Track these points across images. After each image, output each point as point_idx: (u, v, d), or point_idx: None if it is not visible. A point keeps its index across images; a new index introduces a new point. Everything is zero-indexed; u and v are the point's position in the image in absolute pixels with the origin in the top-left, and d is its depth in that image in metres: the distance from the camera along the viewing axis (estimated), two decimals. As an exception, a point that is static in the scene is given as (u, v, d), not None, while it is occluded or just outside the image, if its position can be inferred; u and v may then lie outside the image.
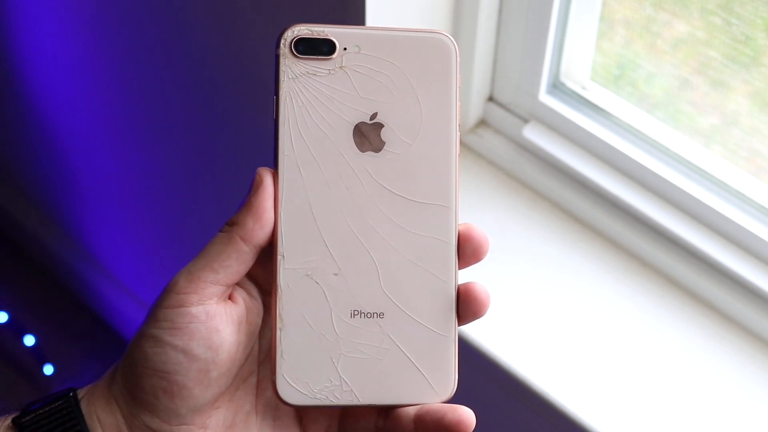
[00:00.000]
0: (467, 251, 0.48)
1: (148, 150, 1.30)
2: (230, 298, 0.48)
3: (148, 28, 1.10)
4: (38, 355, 1.69)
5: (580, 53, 0.91)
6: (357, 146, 0.47)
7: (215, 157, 1.18)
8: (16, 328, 1.69)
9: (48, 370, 1.69)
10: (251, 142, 1.09)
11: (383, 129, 0.47)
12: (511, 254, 0.91)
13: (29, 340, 1.68)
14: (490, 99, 0.96)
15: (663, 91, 0.89)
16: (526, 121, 0.94)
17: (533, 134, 0.94)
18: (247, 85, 1.02)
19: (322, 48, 0.47)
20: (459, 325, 0.48)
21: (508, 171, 0.96)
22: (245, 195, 0.48)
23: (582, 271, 0.91)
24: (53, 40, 1.29)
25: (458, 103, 0.48)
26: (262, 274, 0.48)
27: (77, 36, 1.24)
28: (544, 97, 0.92)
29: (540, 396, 0.83)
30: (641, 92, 0.90)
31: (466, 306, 0.48)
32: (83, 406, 0.48)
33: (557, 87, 0.93)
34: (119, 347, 1.74)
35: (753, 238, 0.85)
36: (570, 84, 0.92)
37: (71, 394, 0.49)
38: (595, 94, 0.91)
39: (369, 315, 0.47)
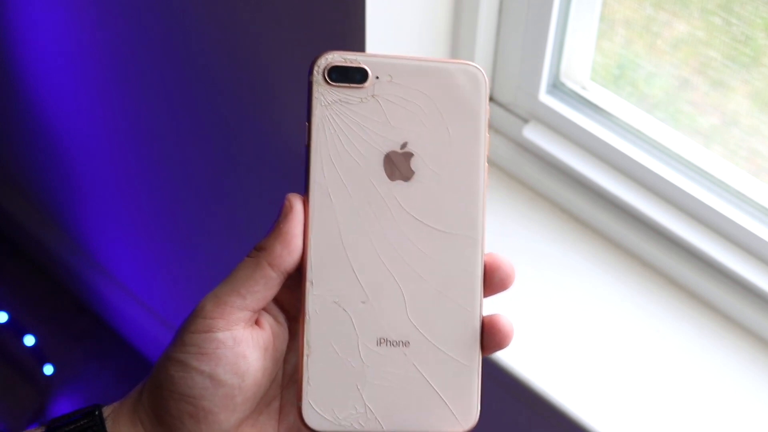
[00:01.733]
0: (495, 280, 0.48)
1: (148, 150, 1.30)
2: (256, 323, 0.48)
3: (150, 29, 1.10)
4: (38, 355, 1.69)
5: (580, 53, 0.91)
6: (387, 175, 0.48)
7: (215, 157, 1.18)
8: (16, 328, 1.70)
9: (48, 370, 1.69)
10: (252, 142, 1.09)
11: (413, 158, 0.48)
12: (510, 254, 0.91)
13: (29, 340, 1.68)
14: (490, 99, 0.96)
15: (663, 91, 0.89)
16: (526, 121, 0.94)
17: (533, 134, 0.94)
18: (248, 86, 1.02)
19: (355, 76, 0.48)
20: (483, 355, 0.48)
21: (508, 171, 0.96)
22: (274, 220, 0.48)
23: (582, 271, 0.91)
24: (55, 40, 1.29)
25: (487, 135, 0.48)
26: (289, 298, 0.49)
27: (79, 36, 1.24)
28: (544, 97, 0.93)
29: (539, 395, 0.83)
30: (641, 92, 0.90)
31: (491, 337, 0.48)
32: (108, 425, 0.48)
33: (557, 87, 0.93)
34: (119, 347, 1.74)
35: (753, 238, 0.85)
36: (570, 84, 0.92)
37: (97, 412, 0.49)
38: (595, 94, 0.91)
39: (395, 343, 0.48)
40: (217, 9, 0.98)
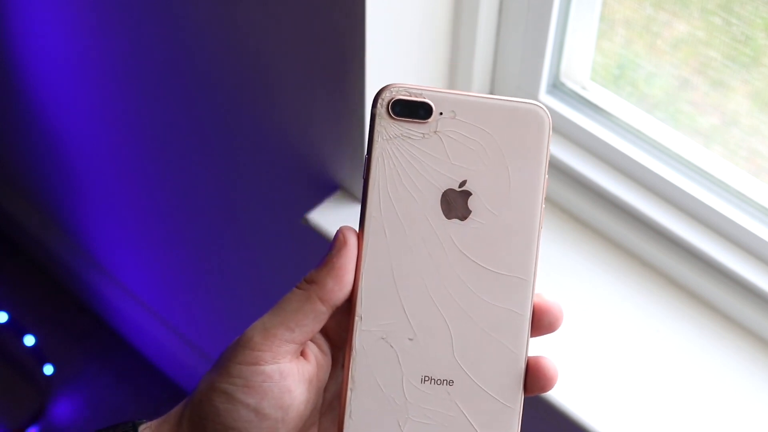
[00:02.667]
0: (543, 323, 0.48)
1: (149, 150, 1.30)
2: (302, 354, 0.48)
3: (150, 29, 1.10)
4: (38, 355, 1.69)
5: (580, 53, 0.91)
6: (443, 213, 0.47)
7: (215, 157, 1.18)
8: (16, 328, 1.70)
9: (48, 370, 1.69)
10: (252, 142, 1.09)
11: (471, 197, 0.47)
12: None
13: (29, 340, 1.68)
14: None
15: (663, 91, 0.89)
16: (526, 121, 0.94)
17: (533, 134, 0.93)
18: (248, 87, 1.02)
19: (419, 111, 0.47)
20: (525, 395, 0.48)
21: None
22: (326, 252, 0.47)
23: (582, 271, 0.91)
24: (55, 40, 1.29)
25: (546, 176, 0.48)
26: (333, 326, 0.48)
27: (79, 36, 1.24)
28: (544, 97, 0.92)
29: (538, 395, 0.83)
30: (641, 92, 0.90)
31: (534, 380, 0.48)
32: None
33: (557, 87, 0.93)
34: (119, 347, 1.74)
35: (753, 238, 0.85)
36: (570, 84, 0.92)
37: None
38: (595, 94, 0.91)
39: (439, 382, 0.48)
40: (217, 10, 0.98)
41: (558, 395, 0.82)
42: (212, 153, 1.17)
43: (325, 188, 0.99)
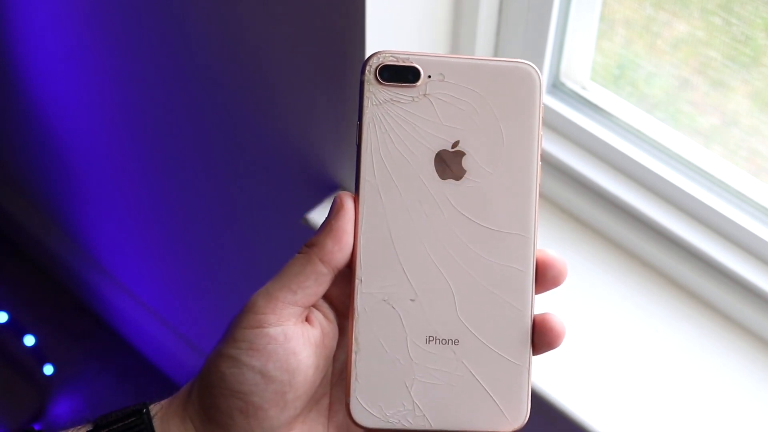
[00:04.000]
0: (547, 277, 0.49)
1: (149, 150, 1.30)
2: (307, 320, 0.48)
3: (151, 30, 1.10)
4: (38, 355, 1.69)
5: (580, 53, 0.91)
6: (438, 174, 0.48)
7: (215, 157, 1.18)
8: (16, 328, 1.70)
9: (48, 370, 1.69)
10: (252, 142, 1.09)
11: (465, 157, 0.48)
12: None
13: (29, 340, 1.68)
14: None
15: (663, 91, 0.89)
16: (526, 121, 0.94)
17: (533, 134, 0.93)
18: (248, 87, 1.02)
19: (407, 75, 0.47)
20: (533, 354, 0.48)
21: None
22: (325, 218, 0.48)
23: (582, 271, 0.91)
24: (56, 40, 1.29)
25: (540, 133, 0.48)
26: (339, 295, 0.49)
27: (80, 36, 1.24)
28: (544, 97, 0.92)
29: (537, 395, 0.83)
30: (641, 92, 0.90)
31: (542, 336, 0.48)
32: (156, 423, 0.48)
33: (557, 87, 0.93)
34: (119, 347, 1.74)
35: (753, 238, 0.85)
36: (570, 84, 0.92)
37: (144, 410, 0.49)
38: (595, 94, 0.91)
39: (444, 341, 0.48)
40: (218, 10, 0.98)
41: (558, 395, 0.82)
42: (212, 153, 1.17)
43: (325, 188, 1.00)
